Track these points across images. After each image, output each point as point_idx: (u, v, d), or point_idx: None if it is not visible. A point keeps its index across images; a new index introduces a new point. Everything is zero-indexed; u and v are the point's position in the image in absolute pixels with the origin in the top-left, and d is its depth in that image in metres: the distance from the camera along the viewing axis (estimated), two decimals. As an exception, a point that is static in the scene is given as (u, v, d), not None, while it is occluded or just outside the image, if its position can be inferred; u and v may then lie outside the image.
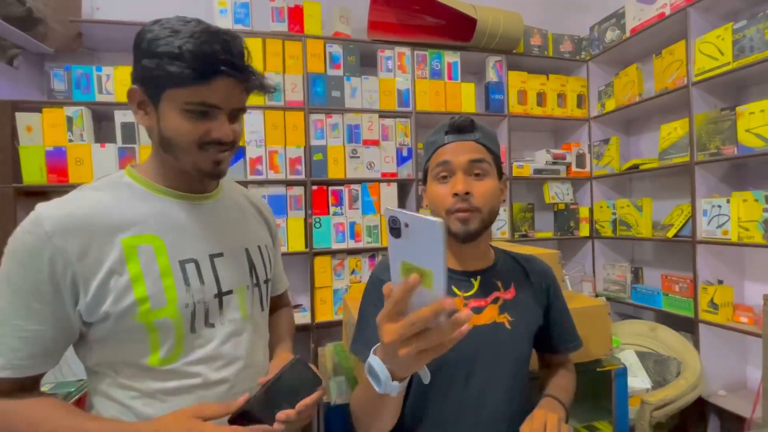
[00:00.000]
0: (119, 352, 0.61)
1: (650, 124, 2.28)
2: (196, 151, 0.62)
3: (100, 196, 0.62)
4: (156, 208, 0.65)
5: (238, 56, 0.60)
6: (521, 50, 2.27)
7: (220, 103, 0.61)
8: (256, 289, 0.74)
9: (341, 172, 1.97)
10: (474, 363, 0.72)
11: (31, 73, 1.77)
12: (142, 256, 0.61)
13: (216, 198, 0.73)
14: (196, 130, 0.61)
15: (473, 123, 0.75)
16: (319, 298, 1.94)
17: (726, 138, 1.67)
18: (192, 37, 0.57)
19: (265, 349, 0.77)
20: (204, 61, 0.57)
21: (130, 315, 0.59)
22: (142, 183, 0.66)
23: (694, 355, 1.75)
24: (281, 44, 1.91)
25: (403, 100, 2.07)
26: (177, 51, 0.56)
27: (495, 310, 0.76)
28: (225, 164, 0.67)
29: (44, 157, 1.63)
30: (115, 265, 0.59)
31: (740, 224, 1.62)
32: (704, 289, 1.76)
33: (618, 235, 2.23)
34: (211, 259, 0.67)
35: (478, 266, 0.79)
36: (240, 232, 0.75)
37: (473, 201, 0.71)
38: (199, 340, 0.64)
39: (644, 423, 1.53)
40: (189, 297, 0.63)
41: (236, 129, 0.65)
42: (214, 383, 0.65)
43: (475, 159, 0.72)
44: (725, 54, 1.66)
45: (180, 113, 0.59)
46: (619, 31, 2.19)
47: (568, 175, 2.39)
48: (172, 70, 0.56)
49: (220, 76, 0.59)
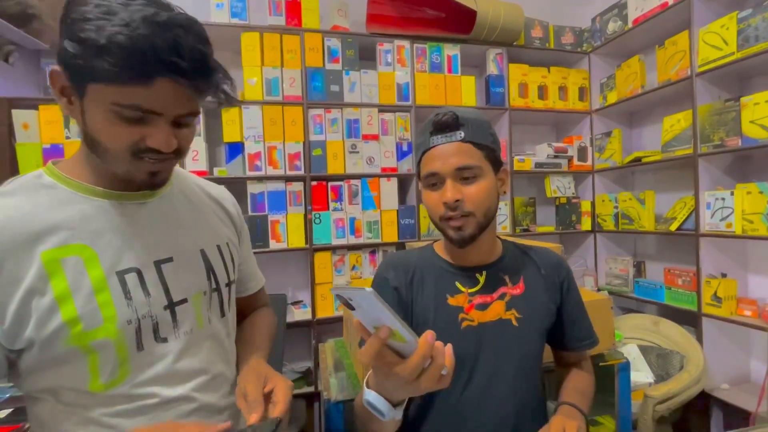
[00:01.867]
0: (56, 378, 0.53)
1: (653, 117, 2.25)
2: (129, 158, 0.51)
3: (10, 203, 0.51)
4: (84, 212, 0.54)
5: (189, 55, 0.47)
6: (522, 42, 2.24)
7: (159, 109, 0.50)
8: (215, 294, 0.66)
9: (341, 167, 1.96)
10: (477, 361, 0.72)
11: (27, 69, 1.76)
12: (68, 270, 0.51)
13: (161, 195, 0.62)
14: (128, 136, 0.50)
15: (457, 119, 0.70)
16: (320, 294, 1.94)
17: (730, 129, 1.64)
18: (128, 26, 0.45)
19: (231, 356, 0.70)
20: (139, 60, 0.45)
21: (60, 339, 0.50)
22: (67, 183, 0.55)
23: (697, 348, 1.74)
24: (279, 38, 1.89)
25: (403, 94, 2.05)
26: (104, 42, 0.44)
27: (501, 306, 0.74)
28: (165, 173, 0.56)
29: (41, 154, 1.62)
30: (35, 284, 0.49)
31: (744, 217, 1.61)
32: (708, 282, 1.75)
33: (620, 228, 2.21)
34: (158, 266, 0.58)
35: (483, 261, 0.77)
36: (193, 231, 0.65)
37: (465, 207, 0.69)
38: (150, 357, 0.56)
39: (647, 417, 1.52)
40: (131, 312, 0.54)
41: (183, 135, 0.54)
42: (173, 401, 0.58)
43: (461, 166, 0.69)
44: (729, 44, 1.63)
45: (108, 113, 0.48)
46: (621, 22, 2.16)
47: (570, 168, 2.37)
48: (95, 64, 0.45)
49: (161, 78, 0.47)
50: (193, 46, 0.48)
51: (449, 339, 0.69)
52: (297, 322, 1.90)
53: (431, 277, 0.76)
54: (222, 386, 0.65)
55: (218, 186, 0.77)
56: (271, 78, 1.88)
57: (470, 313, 0.73)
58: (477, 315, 0.73)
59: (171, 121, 0.52)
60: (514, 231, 2.23)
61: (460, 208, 0.69)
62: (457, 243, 0.71)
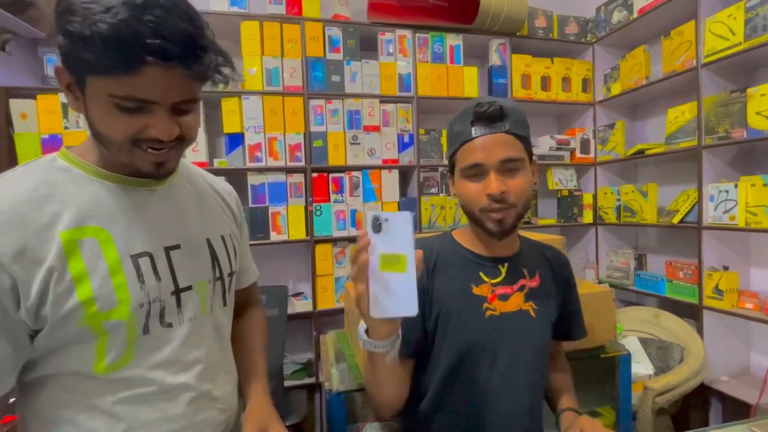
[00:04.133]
0: (60, 362, 0.53)
1: (657, 109, 2.23)
2: (132, 149, 0.52)
3: (30, 184, 0.52)
4: (98, 196, 0.55)
5: (173, 37, 0.46)
6: (525, 32, 2.21)
7: (153, 97, 0.49)
8: (218, 282, 0.67)
9: (342, 158, 1.94)
10: (498, 349, 0.73)
11: (25, 58, 1.74)
12: (85, 251, 0.52)
13: (171, 183, 0.63)
14: (129, 127, 0.50)
15: (502, 110, 0.69)
16: (321, 286, 1.94)
17: (735, 121, 1.63)
18: (108, 12, 0.43)
19: (228, 347, 0.72)
20: (121, 48, 0.44)
21: (73, 319, 0.51)
22: (81, 167, 0.55)
23: (697, 341, 1.74)
24: (279, 27, 1.86)
25: (405, 85, 2.03)
26: (88, 33, 0.44)
27: (521, 297, 0.76)
28: (171, 163, 0.56)
29: (40, 144, 1.61)
30: (54, 263, 0.50)
31: (748, 209, 1.60)
32: (709, 275, 1.74)
33: (622, 221, 2.20)
34: (167, 252, 0.59)
35: (505, 253, 0.79)
36: (199, 220, 0.66)
37: (509, 198, 0.70)
38: (154, 341, 0.57)
39: (647, 409, 1.53)
40: (144, 296, 0.55)
41: (185, 122, 0.53)
42: (172, 389, 0.58)
43: (507, 158, 0.69)
44: (737, 34, 1.60)
45: (106, 105, 0.48)
46: (627, 11, 2.13)
47: (572, 161, 2.35)
48: (85, 56, 0.45)
49: (149, 65, 0.46)
50: (177, 25, 0.46)
51: (474, 327, 0.73)
52: (298, 314, 1.90)
53: (455, 266, 0.77)
54: (218, 375, 0.66)
55: (222, 182, 0.78)
56: (271, 68, 1.86)
57: (493, 303, 0.75)
58: (499, 305, 0.75)
59: (170, 109, 0.51)
60: (515, 223, 2.22)
61: (505, 200, 0.69)
62: (496, 235, 0.72)
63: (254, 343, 0.80)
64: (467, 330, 0.72)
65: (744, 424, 0.73)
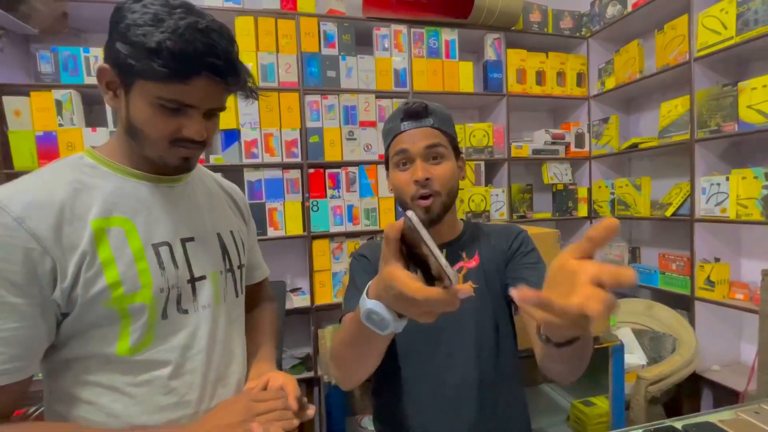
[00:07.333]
0: (86, 344, 0.58)
1: (650, 103, 2.25)
2: (166, 146, 0.59)
3: (61, 178, 0.58)
4: (124, 189, 0.61)
5: (223, 56, 0.56)
6: (520, 27, 2.22)
7: (196, 103, 0.57)
8: (229, 274, 0.72)
9: (338, 154, 1.95)
10: (440, 329, 0.77)
11: (17, 55, 1.72)
12: (112, 239, 0.58)
13: (186, 181, 0.70)
14: (167, 126, 0.58)
15: (427, 108, 0.78)
16: (318, 281, 1.95)
17: (727, 115, 1.65)
18: (174, 33, 0.52)
19: (241, 336, 0.76)
20: (184, 61, 0.53)
21: (100, 301, 0.56)
22: (106, 164, 0.62)
23: (689, 331, 1.78)
24: (273, 22, 1.85)
25: (400, 80, 2.03)
26: (155, 46, 0.52)
27: (459, 279, 0.78)
28: (194, 160, 0.65)
29: (34, 141, 1.60)
30: (86, 248, 0.56)
31: (739, 202, 1.62)
32: (701, 267, 1.77)
33: (616, 214, 2.23)
34: (183, 243, 0.65)
35: (443, 239, 0.83)
36: (211, 216, 0.72)
37: (433, 185, 0.75)
38: (171, 326, 0.62)
39: (640, 398, 1.56)
40: (164, 282, 0.61)
41: (209, 126, 0.62)
42: (186, 374, 0.63)
43: (431, 144, 0.76)
44: (729, 28, 1.62)
45: (151, 106, 0.56)
46: (621, 6, 2.14)
47: (567, 155, 2.37)
48: (147, 64, 0.52)
49: (200, 77, 0.55)
50: (226, 48, 0.56)
51: None
52: (296, 309, 1.91)
53: None
54: (231, 363, 0.70)
55: (230, 183, 0.85)
56: (266, 64, 1.85)
57: None
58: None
59: (203, 114, 0.60)
60: (511, 217, 2.24)
61: (429, 186, 0.75)
62: (425, 223, 0.74)
63: (264, 327, 0.85)
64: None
65: (731, 410, 0.75)
